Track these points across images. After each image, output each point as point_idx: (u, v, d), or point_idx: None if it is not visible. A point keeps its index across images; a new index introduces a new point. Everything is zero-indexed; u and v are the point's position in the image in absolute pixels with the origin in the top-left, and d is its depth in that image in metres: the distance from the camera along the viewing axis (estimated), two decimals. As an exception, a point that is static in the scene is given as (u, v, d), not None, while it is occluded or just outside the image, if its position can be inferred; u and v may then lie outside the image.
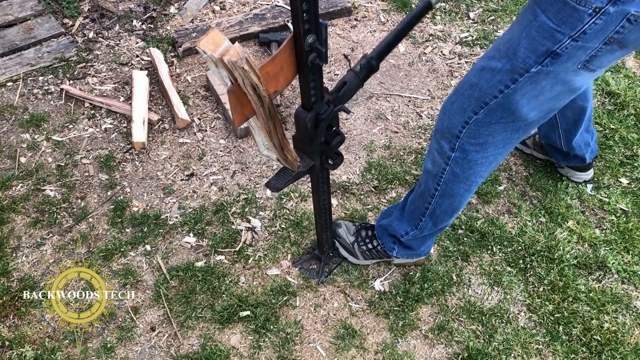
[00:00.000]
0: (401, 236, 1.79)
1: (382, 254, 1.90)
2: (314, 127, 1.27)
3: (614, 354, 1.76)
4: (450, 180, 1.53)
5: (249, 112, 1.14)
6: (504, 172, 2.27)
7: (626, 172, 2.27)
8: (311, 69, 1.15)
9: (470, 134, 1.40)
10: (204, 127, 2.45)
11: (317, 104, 1.24)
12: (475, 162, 1.46)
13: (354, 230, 1.95)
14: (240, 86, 1.05)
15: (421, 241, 1.81)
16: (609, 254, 2.00)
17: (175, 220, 2.11)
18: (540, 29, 1.15)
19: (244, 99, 1.09)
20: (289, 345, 1.79)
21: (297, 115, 1.26)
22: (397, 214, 1.81)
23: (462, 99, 1.38)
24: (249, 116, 1.16)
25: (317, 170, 1.47)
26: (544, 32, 1.15)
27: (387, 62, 2.74)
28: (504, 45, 1.25)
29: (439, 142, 1.49)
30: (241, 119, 1.14)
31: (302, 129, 1.28)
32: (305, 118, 1.24)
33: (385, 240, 1.86)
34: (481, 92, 1.32)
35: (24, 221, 2.11)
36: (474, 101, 1.35)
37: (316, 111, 1.25)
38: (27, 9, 2.90)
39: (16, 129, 2.43)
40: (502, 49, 1.26)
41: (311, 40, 1.08)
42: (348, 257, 1.95)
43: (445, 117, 1.44)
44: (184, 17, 2.94)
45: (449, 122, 1.43)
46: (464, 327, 1.84)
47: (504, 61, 1.25)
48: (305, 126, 1.26)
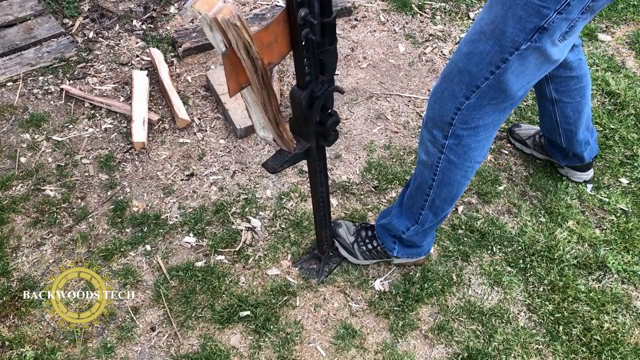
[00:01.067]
0: (402, 233, 1.79)
1: (382, 254, 1.90)
2: (309, 105, 1.31)
3: (614, 354, 1.76)
4: (446, 168, 1.53)
5: (244, 81, 1.16)
6: (504, 172, 2.27)
7: (626, 172, 2.27)
8: (305, 45, 1.16)
9: (462, 120, 1.42)
10: (204, 127, 2.45)
11: (312, 83, 1.27)
12: (469, 147, 1.48)
13: (354, 230, 1.95)
14: (235, 50, 1.05)
15: (422, 236, 1.81)
16: (609, 254, 2.00)
17: (175, 220, 2.11)
18: (526, 7, 1.18)
19: (239, 64, 1.10)
20: (289, 345, 1.79)
21: (292, 93, 1.30)
22: (396, 211, 1.81)
23: (451, 86, 1.39)
24: (243, 85, 1.17)
25: (313, 153, 1.49)
26: (529, 10, 1.18)
27: (387, 62, 2.74)
28: (489, 27, 1.26)
29: (431, 131, 1.50)
30: (236, 87, 1.16)
31: (297, 107, 1.32)
32: (300, 96, 1.27)
33: (385, 240, 1.86)
34: (471, 76, 1.34)
35: (24, 221, 2.11)
36: (464, 86, 1.36)
37: (311, 89, 1.28)
38: (27, 9, 2.90)
39: (16, 129, 2.43)
40: (486, 31, 1.27)
41: (303, 13, 1.07)
42: (348, 257, 1.95)
43: (436, 106, 1.45)
44: (184, 17, 2.95)
45: (440, 110, 1.43)
46: (464, 327, 1.84)
47: (491, 42, 1.26)
48: (300, 104, 1.29)
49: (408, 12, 2.98)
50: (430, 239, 1.87)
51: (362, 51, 2.79)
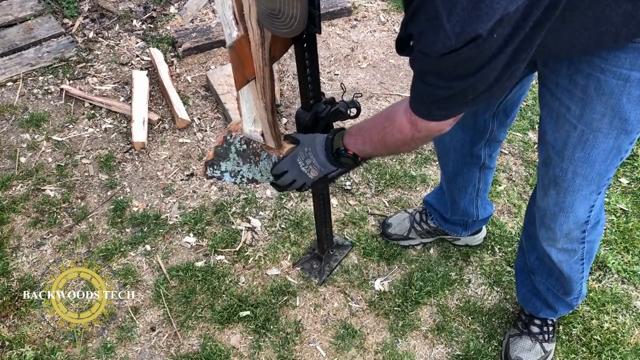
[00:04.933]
0: (573, 307, 1.74)
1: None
2: (313, 126, 1.38)
3: (614, 354, 1.76)
4: (590, 248, 1.50)
5: (250, 74, 1.19)
6: (504, 172, 2.27)
7: (626, 172, 2.27)
8: (305, 39, 1.20)
9: (597, 210, 1.38)
10: (204, 127, 2.45)
11: (316, 105, 1.36)
12: (600, 220, 1.47)
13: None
14: (244, 19, 1.06)
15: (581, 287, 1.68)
16: (609, 254, 2.00)
17: (175, 220, 2.11)
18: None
19: (245, 57, 1.12)
20: (289, 345, 1.79)
21: (298, 115, 1.39)
22: (557, 307, 1.70)
23: (580, 194, 1.31)
24: (249, 78, 1.20)
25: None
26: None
27: (387, 62, 2.74)
28: (599, 122, 1.17)
29: (568, 237, 1.43)
30: (242, 80, 1.20)
31: (301, 127, 1.40)
32: (305, 117, 1.36)
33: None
34: (601, 174, 1.27)
35: (24, 221, 2.11)
36: (594, 186, 1.30)
37: (315, 111, 1.36)
38: (27, 9, 2.90)
39: (16, 129, 2.43)
40: (601, 128, 1.18)
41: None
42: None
43: (568, 220, 1.37)
44: (184, 17, 2.95)
45: (575, 218, 1.37)
46: (464, 327, 1.84)
47: (614, 134, 1.19)
48: (305, 125, 1.37)
49: (408, 12, 2.98)
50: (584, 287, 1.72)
51: (362, 51, 2.79)
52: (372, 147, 1.24)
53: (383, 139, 1.19)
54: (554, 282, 1.62)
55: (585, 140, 1.20)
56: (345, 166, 1.32)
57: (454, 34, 0.84)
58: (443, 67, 0.93)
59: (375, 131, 1.22)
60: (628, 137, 1.19)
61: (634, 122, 1.15)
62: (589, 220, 1.38)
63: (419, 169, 2.28)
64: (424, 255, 2.01)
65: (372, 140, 1.23)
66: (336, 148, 1.28)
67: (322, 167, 1.32)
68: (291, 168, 1.36)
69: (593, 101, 1.14)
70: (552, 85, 1.21)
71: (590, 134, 1.19)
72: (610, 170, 1.27)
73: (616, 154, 1.22)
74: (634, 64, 1.06)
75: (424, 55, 0.92)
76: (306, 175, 1.35)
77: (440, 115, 1.06)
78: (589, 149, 1.21)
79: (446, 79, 0.96)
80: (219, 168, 1.53)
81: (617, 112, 1.13)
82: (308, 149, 1.32)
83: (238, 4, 1.06)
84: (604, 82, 1.10)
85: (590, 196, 1.31)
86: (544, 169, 1.35)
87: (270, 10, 1.02)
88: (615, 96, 1.11)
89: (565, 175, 1.29)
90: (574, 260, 1.49)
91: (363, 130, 1.26)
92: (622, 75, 1.08)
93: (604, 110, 1.14)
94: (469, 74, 0.93)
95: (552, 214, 1.38)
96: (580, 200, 1.32)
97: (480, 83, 0.95)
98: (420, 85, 1.02)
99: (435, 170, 2.26)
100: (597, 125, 1.17)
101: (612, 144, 1.20)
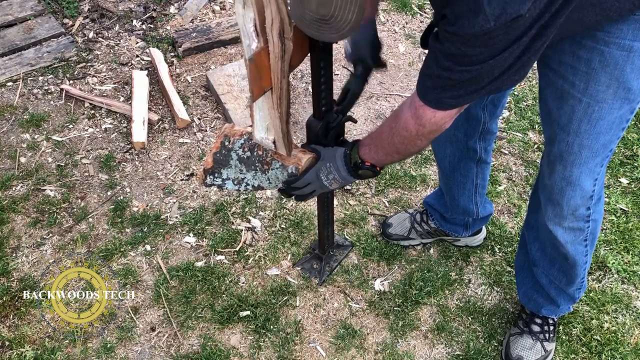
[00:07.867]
0: (575, 300, 1.73)
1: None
2: (324, 135, 1.39)
3: (614, 354, 1.76)
4: (594, 228, 1.51)
5: (266, 85, 1.18)
6: (504, 172, 2.28)
7: (626, 172, 2.27)
8: (322, 48, 1.21)
9: (600, 182, 1.40)
10: (204, 127, 2.45)
11: (328, 114, 1.37)
12: (601, 197, 1.47)
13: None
14: (265, 31, 1.06)
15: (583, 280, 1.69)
16: (609, 254, 2.00)
17: (175, 220, 2.11)
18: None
19: (264, 68, 1.12)
20: (289, 345, 1.79)
21: (309, 124, 1.39)
22: (559, 301, 1.70)
23: (587, 167, 1.34)
24: (266, 89, 1.20)
25: None
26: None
27: (387, 62, 2.74)
28: (605, 93, 1.21)
29: (574, 215, 1.44)
30: (259, 92, 1.19)
31: (313, 136, 1.40)
32: (317, 126, 1.37)
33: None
34: (605, 145, 1.30)
35: (24, 221, 2.11)
36: (599, 158, 1.33)
37: (327, 120, 1.37)
38: (27, 9, 2.89)
39: (16, 129, 2.43)
40: (606, 98, 1.21)
41: None
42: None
43: (575, 193, 1.39)
44: (184, 17, 2.94)
45: (582, 193, 1.38)
46: (464, 327, 1.84)
47: (618, 104, 1.23)
48: (316, 134, 1.38)
49: (408, 12, 2.99)
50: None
51: (362, 51, 2.79)
52: (385, 153, 1.28)
53: (392, 140, 1.22)
54: (556, 273, 1.63)
55: (591, 113, 1.24)
56: (366, 178, 1.37)
57: (493, 17, 0.89)
58: (469, 47, 0.96)
59: (384, 135, 1.25)
60: (630, 106, 1.24)
61: (636, 90, 1.20)
62: (594, 195, 1.41)
63: (419, 169, 2.28)
64: (424, 256, 2.01)
65: (383, 145, 1.27)
66: (354, 162, 1.32)
67: (343, 181, 1.37)
68: (314, 181, 1.38)
69: (598, 73, 1.18)
70: (555, 63, 1.24)
71: (595, 106, 1.23)
72: (613, 141, 1.31)
73: (619, 124, 1.27)
74: (636, 34, 1.11)
75: (454, 35, 0.95)
76: (327, 188, 1.40)
77: (449, 103, 1.09)
78: (595, 120, 1.25)
79: (467, 62, 0.99)
80: (220, 176, 1.46)
81: (622, 82, 1.18)
82: (330, 164, 1.35)
83: (260, 17, 1.05)
84: (608, 54, 1.15)
85: (595, 169, 1.35)
86: (549, 147, 1.39)
87: (320, 16, 1.00)
88: (620, 66, 1.16)
89: (571, 149, 1.32)
90: (579, 241, 1.51)
91: (374, 138, 1.30)
92: (626, 46, 1.13)
93: (609, 82, 1.18)
94: (491, 56, 0.97)
95: (559, 189, 1.40)
96: (587, 173, 1.35)
97: (498, 68, 0.99)
98: (435, 69, 1.05)
99: (435, 171, 2.26)
100: (602, 96, 1.21)
101: (615, 114, 1.24)
